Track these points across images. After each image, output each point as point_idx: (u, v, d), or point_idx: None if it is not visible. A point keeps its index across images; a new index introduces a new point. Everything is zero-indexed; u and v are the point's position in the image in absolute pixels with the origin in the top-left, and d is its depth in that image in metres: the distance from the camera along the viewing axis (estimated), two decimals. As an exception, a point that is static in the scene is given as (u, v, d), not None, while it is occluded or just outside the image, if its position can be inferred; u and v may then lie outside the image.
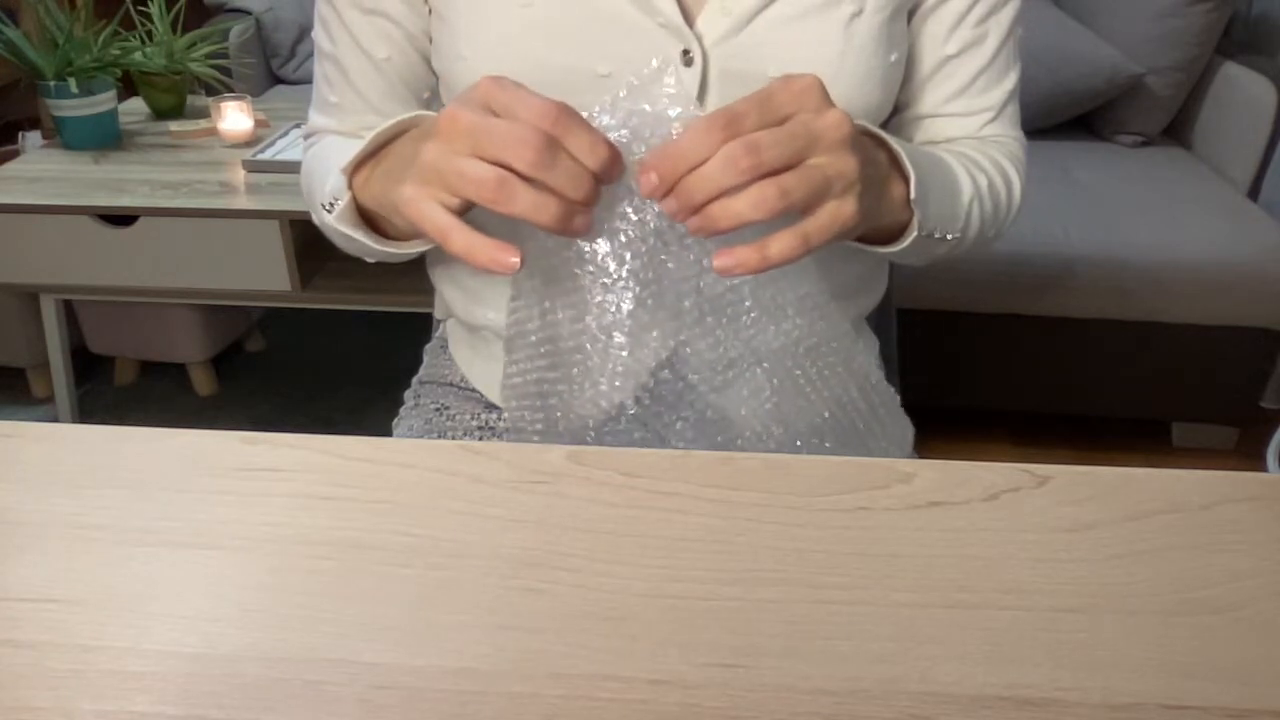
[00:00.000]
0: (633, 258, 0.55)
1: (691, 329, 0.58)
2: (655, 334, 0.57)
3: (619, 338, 0.56)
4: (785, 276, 0.58)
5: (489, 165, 0.48)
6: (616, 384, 0.58)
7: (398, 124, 0.58)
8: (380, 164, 0.59)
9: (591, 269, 0.55)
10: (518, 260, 0.50)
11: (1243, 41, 2.11)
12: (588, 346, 0.57)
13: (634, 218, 0.54)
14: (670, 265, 0.55)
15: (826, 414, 0.62)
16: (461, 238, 0.51)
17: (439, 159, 0.50)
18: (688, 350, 0.59)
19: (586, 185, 0.49)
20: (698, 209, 0.49)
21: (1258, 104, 1.88)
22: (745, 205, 0.49)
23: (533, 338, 0.59)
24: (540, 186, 0.49)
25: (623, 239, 0.54)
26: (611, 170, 0.50)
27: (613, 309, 0.56)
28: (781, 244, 0.50)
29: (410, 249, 0.63)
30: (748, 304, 0.58)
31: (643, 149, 0.52)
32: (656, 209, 0.53)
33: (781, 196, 0.48)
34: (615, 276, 0.55)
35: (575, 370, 0.58)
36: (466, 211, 0.53)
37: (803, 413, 0.61)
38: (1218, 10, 1.92)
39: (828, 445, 0.62)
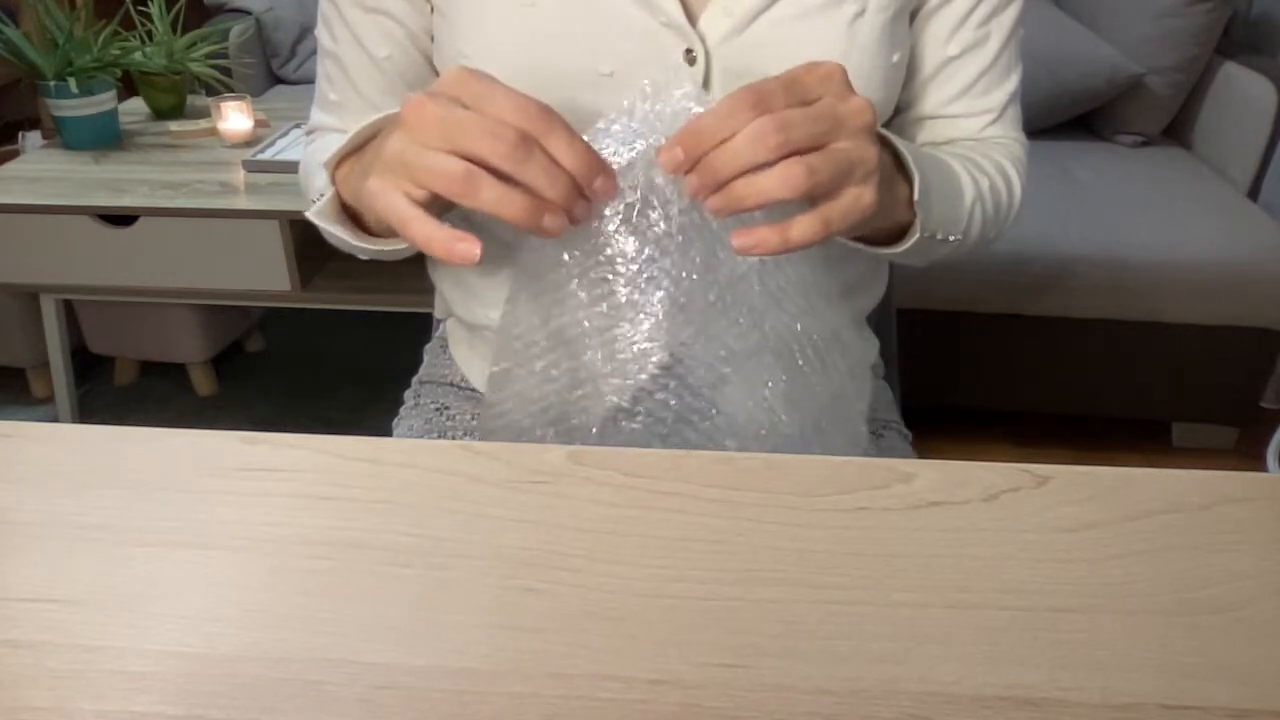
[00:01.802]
0: (642, 247, 0.54)
1: (701, 329, 0.58)
2: (683, 330, 0.57)
3: (623, 328, 0.56)
4: (805, 299, 0.58)
5: (456, 159, 0.48)
6: (616, 376, 0.58)
7: (382, 119, 0.58)
8: (361, 159, 0.59)
9: (600, 255, 0.55)
10: (477, 251, 0.49)
11: (1243, 41, 2.11)
12: (590, 335, 0.57)
13: (652, 215, 0.54)
14: (697, 260, 0.55)
15: (819, 388, 0.62)
16: (420, 228, 0.50)
17: (404, 150, 0.50)
18: (692, 351, 0.58)
19: (562, 184, 0.49)
20: (721, 185, 0.49)
21: (1258, 104, 1.88)
22: (773, 182, 0.48)
23: (541, 343, 0.59)
24: (513, 184, 0.48)
25: (644, 234, 0.54)
26: (591, 175, 0.50)
27: (618, 299, 0.56)
28: (803, 227, 0.50)
29: (395, 245, 0.62)
30: (761, 317, 0.58)
31: (661, 132, 0.52)
32: (675, 209, 0.53)
33: (809, 175, 0.48)
34: (623, 264, 0.55)
35: (576, 359, 0.58)
36: (451, 209, 0.53)
37: (804, 398, 0.61)
38: (1218, 10, 1.92)
39: (825, 424, 0.62)
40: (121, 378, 2.03)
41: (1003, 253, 1.67)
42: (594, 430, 0.60)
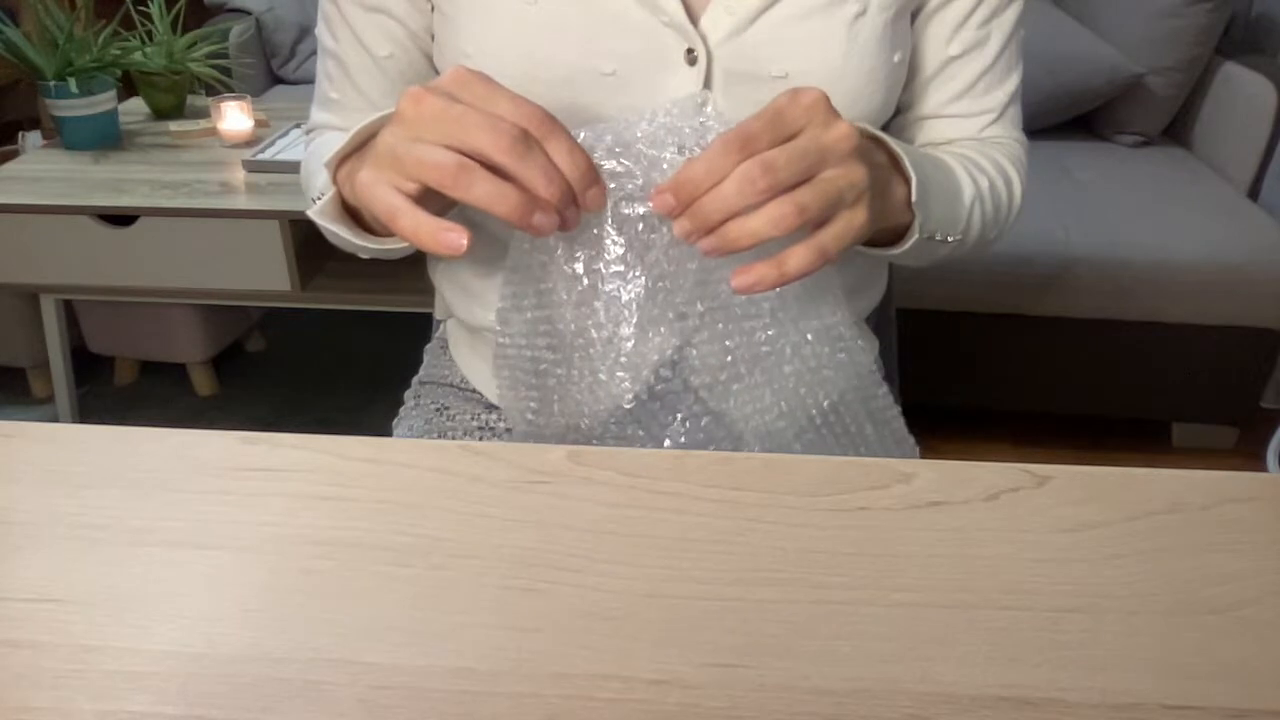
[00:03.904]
0: (645, 250, 0.55)
1: (702, 331, 0.58)
2: (663, 330, 0.57)
3: (625, 329, 0.56)
4: (810, 302, 0.58)
5: (448, 151, 0.48)
6: (618, 375, 0.58)
7: (381, 117, 0.58)
8: (362, 158, 0.59)
9: (604, 256, 0.55)
10: (464, 241, 0.49)
11: (1243, 41, 2.11)
12: (592, 333, 0.57)
13: (647, 212, 0.54)
14: (690, 266, 0.55)
15: (831, 439, 0.62)
16: (408, 219, 0.50)
17: (398, 143, 0.50)
18: (693, 352, 0.58)
19: (559, 184, 0.49)
20: (712, 230, 0.50)
21: (1258, 104, 1.88)
22: (764, 223, 0.49)
23: (529, 314, 0.59)
24: (507, 179, 0.48)
25: (638, 229, 0.54)
26: (587, 183, 0.50)
27: (622, 299, 0.56)
28: (799, 258, 0.51)
29: (395, 243, 0.62)
30: (765, 320, 0.58)
31: (674, 147, 0.52)
32: None
33: (799, 213, 0.49)
34: (626, 265, 0.55)
35: (577, 356, 0.58)
36: (451, 207, 0.53)
37: (804, 435, 0.61)
38: (1218, 10, 1.92)
39: (831, 429, 0.62)
40: (121, 378, 2.03)
41: (1003, 253, 1.67)
42: (560, 413, 0.59)
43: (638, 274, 0.55)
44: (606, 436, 0.61)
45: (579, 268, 0.56)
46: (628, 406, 0.59)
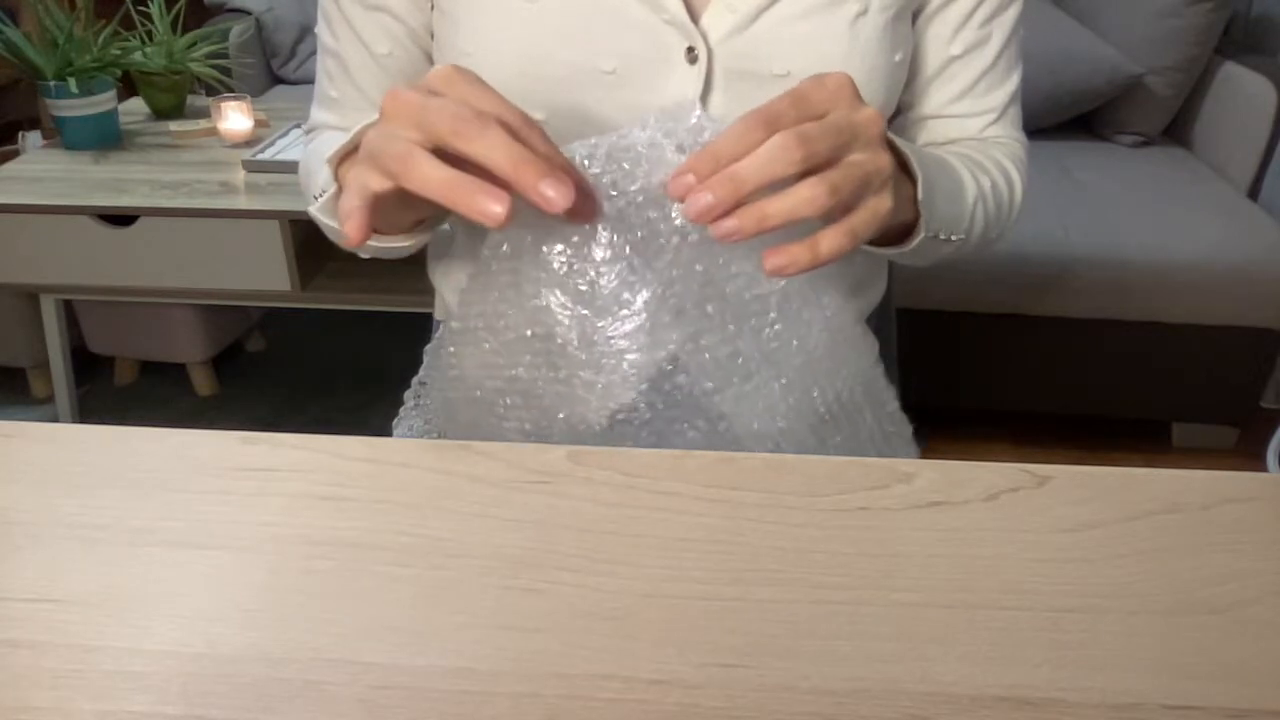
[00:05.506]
0: (653, 256, 0.54)
1: (711, 334, 0.57)
2: (668, 333, 0.56)
3: (631, 337, 0.56)
4: (812, 291, 0.58)
5: (445, 168, 0.47)
6: (625, 383, 0.57)
7: None
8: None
9: (609, 262, 0.55)
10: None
11: (1243, 41, 2.11)
12: (596, 343, 0.57)
13: (653, 215, 0.54)
14: (697, 268, 0.55)
15: (839, 438, 0.62)
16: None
17: (375, 137, 0.49)
18: (706, 356, 0.58)
19: (517, 158, 0.47)
20: (732, 209, 0.48)
21: (1258, 104, 1.88)
22: (797, 202, 0.48)
23: (528, 331, 0.58)
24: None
25: (640, 235, 0.54)
26: (582, 203, 0.49)
27: (630, 305, 0.55)
28: (830, 241, 0.50)
29: (395, 243, 0.62)
30: (772, 315, 0.57)
31: (673, 146, 0.52)
32: (674, 210, 0.53)
33: (832, 193, 0.48)
34: (633, 270, 0.55)
35: (583, 372, 0.58)
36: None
37: (815, 432, 0.61)
38: (1218, 10, 1.92)
39: (834, 439, 0.62)
40: (121, 378, 2.03)
41: (1003, 253, 1.68)
42: (560, 415, 0.59)
43: (646, 278, 0.55)
44: (608, 438, 0.60)
45: (575, 268, 0.56)
46: (645, 418, 0.59)
